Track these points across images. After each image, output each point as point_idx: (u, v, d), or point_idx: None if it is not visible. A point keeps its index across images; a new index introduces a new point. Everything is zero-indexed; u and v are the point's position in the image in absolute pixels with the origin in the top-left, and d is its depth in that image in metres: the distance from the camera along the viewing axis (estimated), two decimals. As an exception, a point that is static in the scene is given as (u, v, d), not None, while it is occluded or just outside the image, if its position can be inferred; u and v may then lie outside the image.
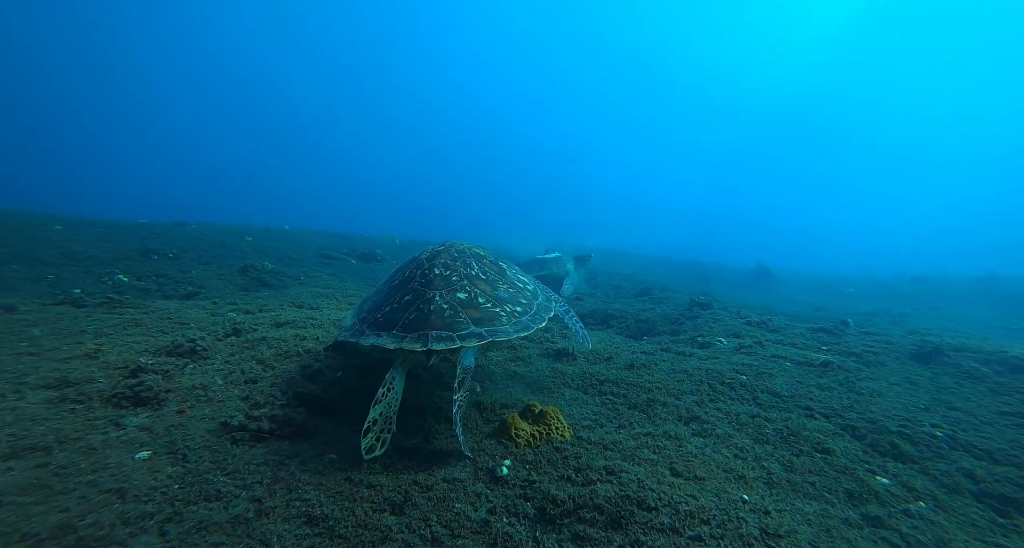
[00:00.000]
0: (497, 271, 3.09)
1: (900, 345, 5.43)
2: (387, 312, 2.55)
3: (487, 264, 3.10)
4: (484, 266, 3.04)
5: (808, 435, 2.97)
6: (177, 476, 1.79)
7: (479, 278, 2.86)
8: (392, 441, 2.30)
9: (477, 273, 2.90)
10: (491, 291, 2.81)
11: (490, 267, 3.09)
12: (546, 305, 3.05)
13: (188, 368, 2.66)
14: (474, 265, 2.98)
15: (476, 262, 3.03)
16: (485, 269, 3.00)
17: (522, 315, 2.73)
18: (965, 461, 2.89)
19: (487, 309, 2.62)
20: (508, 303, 2.76)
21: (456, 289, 2.70)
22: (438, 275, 2.76)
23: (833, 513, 2.26)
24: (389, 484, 1.99)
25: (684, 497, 2.06)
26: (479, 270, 2.95)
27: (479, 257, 3.13)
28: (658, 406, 3.13)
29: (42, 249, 7.73)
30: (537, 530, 1.91)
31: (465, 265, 2.94)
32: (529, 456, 2.32)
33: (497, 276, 3.02)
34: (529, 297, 2.98)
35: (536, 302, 2.98)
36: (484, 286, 2.82)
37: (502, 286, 2.92)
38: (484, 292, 2.77)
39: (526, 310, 2.79)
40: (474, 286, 2.77)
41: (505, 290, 2.89)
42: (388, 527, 1.79)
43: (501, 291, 2.85)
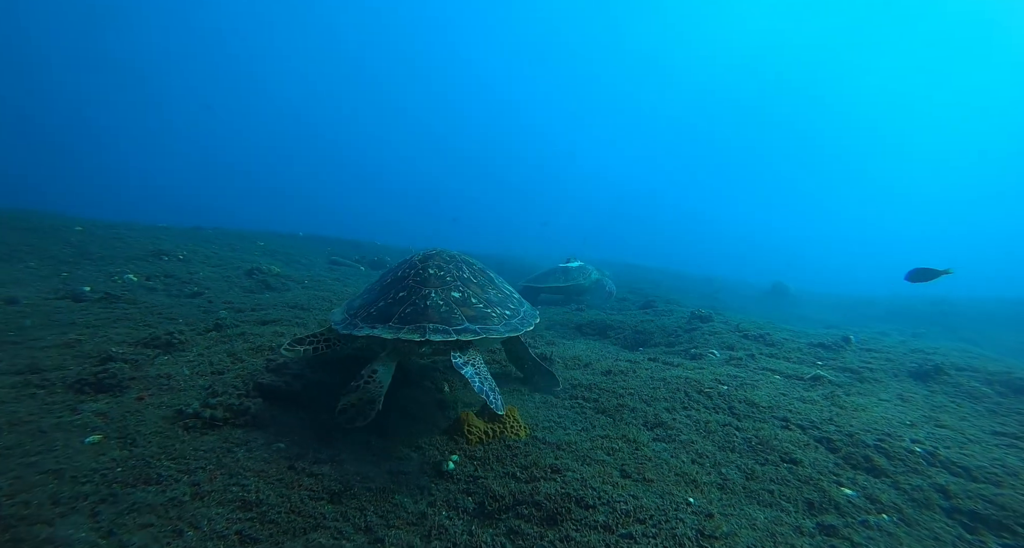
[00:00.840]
0: (486, 278, 3.23)
1: (900, 362, 5.30)
2: (381, 307, 2.62)
3: (476, 270, 3.24)
4: (474, 271, 3.17)
5: (778, 445, 2.91)
6: (122, 460, 1.85)
7: (471, 281, 2.99)
8: (344, 437, 2.34)
9: (468, 277, 3.03)
10: (482, 294, 2.93)
11: (479, 273, 3.22)
12: (532, 313, 3.18)
13: (159, 359, 2.75)
14: (465, 269, 3.10)
15: (467, 267, 3.16)
16: (475, 274, 3.13)
17: (511, 318, 2.83)
18: (941, 477, 2.80)
19: (480, 309, 2.72)
20: (498, 306, 2.87)
21: (451, 288, 2.80)
22: (432, 274, 2.86)
23: (785, 520, 2.22)
24: (332, 474, 2.02)
25: (625, 497, 2.04)
26: (470, 274, 3.08)
27: (469, 263, 3.26)
28: (626, 411, 3.11)
29: (60, 248, 8.03)
30: (473, 524, 1.91)
31: (457, 268, 3.06)
32: (479, 453, 2.33)
33: (487, 282, 3.15)
34: (516, 304, 3.11)
35: (522, 309, 3.11)
36: (475, 289, 2.94)
37: (491, 291, 3.04)
38: (476, 294, 2.88)
39: (514, 314, 2.91)
40: (467, 287, 2.89)
41: (495, 294, 3.01)
42: (323, 514, 1.82)
43: (491, 295, 2.97)
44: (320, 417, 2.49)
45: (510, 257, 20.59)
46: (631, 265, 22.54)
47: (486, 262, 3.52)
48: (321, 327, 3.78)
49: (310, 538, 1.71)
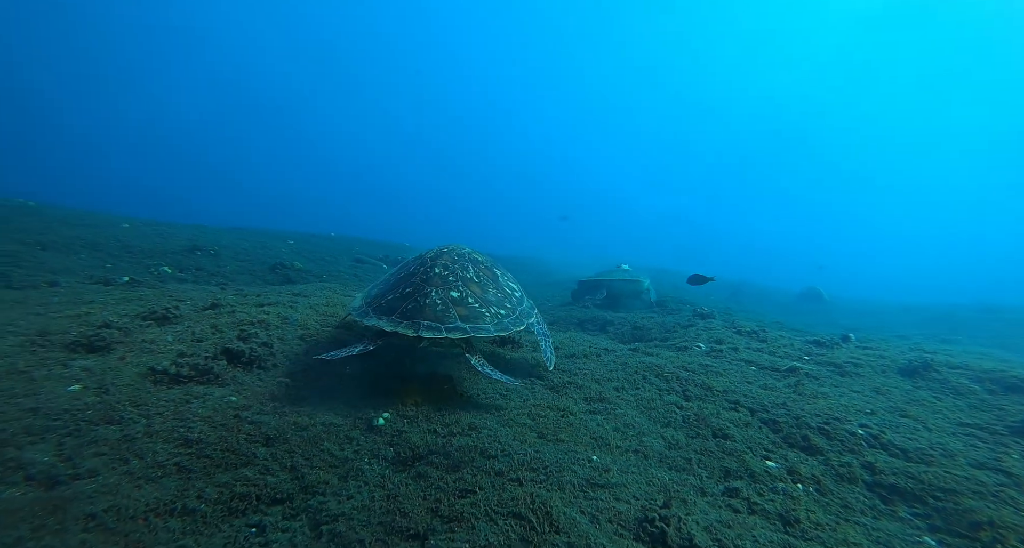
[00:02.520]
0: (490, 276, 3.43)
1: (892, 359, 5.20)
2: (390, 300, 2.97)
3: (482, 269, 3.45)
4: (479, 270, 3.39)
5: (715, 422, 3.03)
6: (93, 404, 2.20)
7: (472, 281, 3.22)
8: (292, 395, 2.65)
9: (471, 276, 3.27)
10: (481, 293, 3.17)
11: (484, 272, 3.42)
12: (528, 311, 3.40)
13: (151, 328, 3.14)
14: (470, 268, 3.34)
15: (473, 266, 3.39)
16: (479, 273, 3.36)
17: (504, 317, 3.08)
18: (874, 456, 2.85)
19: (474, 308, 2.99)
20: (494, 305, 3.11)
21: (450, 288, 3.07)
22: (437, 274, 3.14)
23: (690, 482, 2.36)
24: (271, 423, 2.32)
25: (528, 451, 2.25)
26: (474, 273, 3.31)
27: (476, 262, 3.49)
28: (572, 388, 3.29)
29: (107, 242, 8.84)
30: (388, 469, 2.16)
31: (463, 268, 3.30)
32: (410, 412, 2.58)
33: (489, 281, 3.36)
34: (514, 303, 3.32)
35: (520, 308, 3.32)
36: (475, 288, 3.18)
37: (491, 290, 3.26)
38: (474, 293, 3.13)
39: (509, 313, 3.15)
40: (466, 287, 3.14)
41: (493, 294, 3.24)
42: (254, 454, 2.11)
43: (490, 294, 3.21)
44: (278, 379, 2.80)
45: (536, 259, 20.79)
46: (663, 269, 22.30)
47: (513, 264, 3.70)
48: (317, 312, 4.14)
49: (239, 472, 2.00)
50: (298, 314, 3.92)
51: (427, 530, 1.72)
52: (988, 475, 2.72)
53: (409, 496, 1.91)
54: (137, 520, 1.63)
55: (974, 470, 2.77)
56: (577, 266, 18.76)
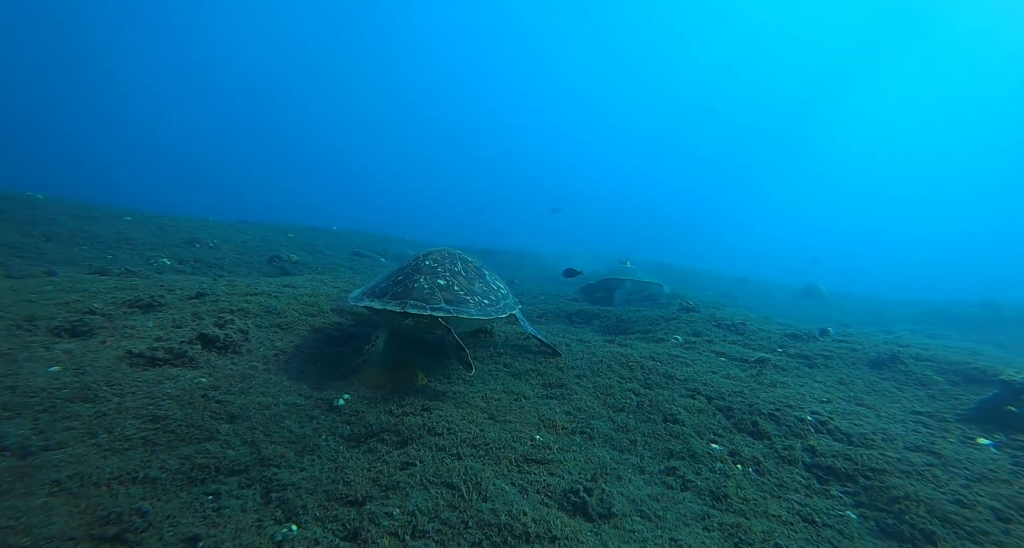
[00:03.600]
0: (477, 274, 3.73)
1: (863, 352, 5.31)
2: (383, 287, 3.30)
3: (471, 267, 3.76)
4: (467, 268, 3.70)
5: (668, 408, 3.16)
6: (69, 383, 2.38)
7: (459, 274, 3.53)
8: (260, 378, 2.82)
9: (459, 270, 3.58)
10: (467, 285, 3.47)
11: (472, 270, 3.73)
12: (512, 305, 3.72)
13: (134, 315, 3.32)
14: (459, 264, 3.66)
15: (462, 263, 3.71)
16: (467, 270, 3.66)
17: (487, 306, 3.37)
18: (818, 441, 2.98)
19: (459, 295, 3.27)
20: (478, 295, 3.41)
21: (438, 277, 3.38)
22: (427, 266, 3.47)
23: (631, 461, 2.50)
24: (237, 402, 2.49)
25: (473, 429, 2.40)
26: (462, 269, 3.62)
27: (466, 262, 3.80)
28: (534, 375, 3.44)
29: (109, 235, 9.07)
30: (342, 445, 2.33)
31: (452, 263, 3.63)
32: (371, 394, 2.74)
33: (476, 277, 3.66)
34: (499, 296, 3.62)
35: (504, 302, 3.62)
36: (462, 280, 3.48)
37: (477, 284, 3.56)
38: (460, 284, 3.43)
39: (492, 303, 3.44)
40: (453, 278, 3.44)
41: (479, 287, 3.54)
42: (217, 430, 2.28)
43: (475, 286, 3.51)
44: (251, 363, 2.97)
45: (532, 253, 20.91)
46: (664, 264, 22.35)
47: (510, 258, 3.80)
48: (303, 304, 4.32)
49: (202, 446, 2.17)
50: (278, 303, 4.09)
51: (365, 497, 1.88)
52: (920, 456, 2.85)
53: (355, 468, 2.07)
54: (100, 487, 1.80)
55: (908, 452, 2.89)
56: (573, 260, 18.85)
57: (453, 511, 1.80)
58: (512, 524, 1.75)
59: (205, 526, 1.69)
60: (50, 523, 1.57)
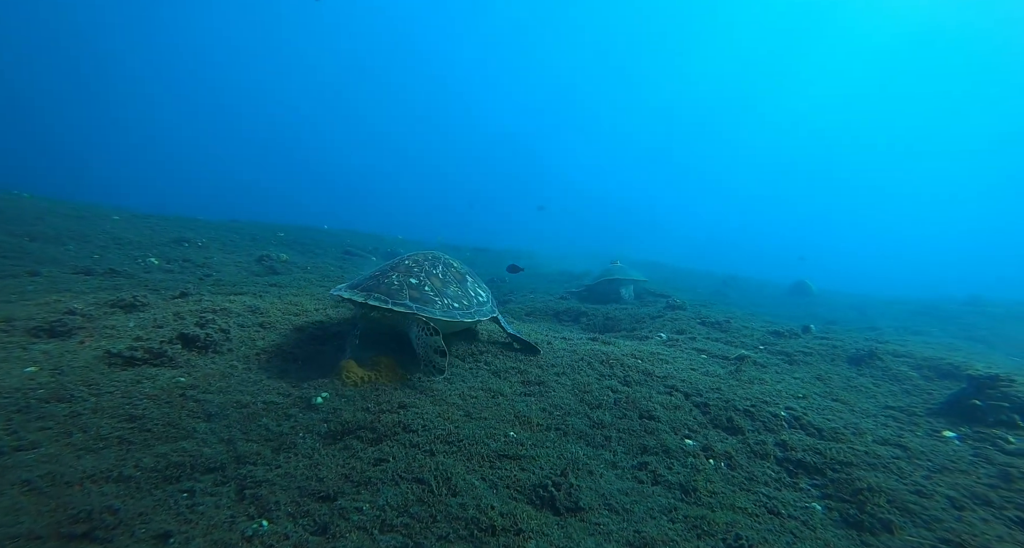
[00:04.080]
0: (457, 278, 3.77)
1: (843, 349, 5.40)
2: (360, 281, 3.43)
3: (451, 272, 3.81)
4: (447, 272, 3.75)
5: (645, 405, 3.22)
6: (45, 384, 2.40)
7: (435, 276, 3.59)
8: (244, 375, 2.85)
9: (437, 273, 3.63)
10: (440, 286, 3.53)
11: (453, 274, 3.78)
12: (486, 311, 3.75)
13: (116, 315, 3.34)
14: (439, 267, 3.71)
15: (443, 267, 3.76)
16: (446, 274, 3.71)
17: (455, 309, 3.44)
18: (790, 435, 3.05)
19: (427, 295, 3.36)
20: (448, 298, 3.47)
21: (412, 276, 3.47)
22: (405, 265, 3.58)
23: (604, 456, 2.55)
24: (215, 401, 2.51)
25: (448, 426, 2.45)
26: (440, 272, 3.67)
27: (449, 266, 3.85)
28: (514, 373, 3.48)
29: (96, 235, 9.02)
30: (319, 442, 2.37)
31: (432, 266, 3.69)
32: (349, 392, 2.78)
33: (453, 281, 3.70)
34: (472, 302, 3.67)
35: (481, 309, 3.69)
36: (436, 282, 3.55)
37: (452, 287, 3.61)
38: (432, 285, 3.49)
39: (461, 308, 3.50)
40: (428, 279, 3.51)
41: (453, 290, 3.59)
42: (194, 429, 2.31)
43: (449, 290, 3.56)
44: (231, 362, 3.00)
45: (527, 252, 20.95)
46: (656, 263, 22.47)
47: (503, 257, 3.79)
48: (285, 303, 4.34)
49: (178, 444, 2.20)
50: (262, 303, 4.11)
51: (337, 493, 1.93)
52: (887, 449, 2.92)
53: (329, 465, 2.11)
54: (73, 486, 1.83)
55: (876, 446, 2.97)
56: (566, 259, 18.93)
57: (422, 506, 1.84)
58: (479, 517, 1.79)
59: (177, 523, 1.72)
60: (17, 522, 1.60)
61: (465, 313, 3.48)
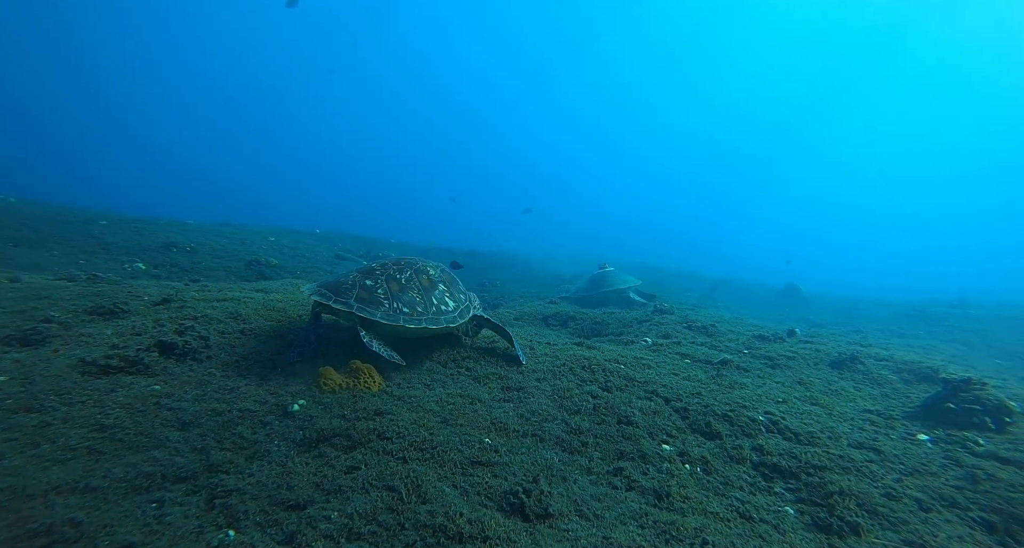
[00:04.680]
0: (423, 286, 3.71)
1: (826, 352, 5.45)
2: (325, 281, 3.59)
3: (420, 279, 3.76)
4: (414, 279, 3.71)
5: (624, 410, 3.24)
6: (14, 394, 2.39)
7: (396, 281, 3.61)
8: (221, 382, 2.84)
9: (400, 278, 3.64)
10: (396, 291, 3.55)
11: (419, 281, 3.72)
12: (442, 319, 3.61)
13: (94, 323, 3.33)
14: (406, 273, 3.72)
15: (413, 274, 3.75)
16: (411, 280, 3.68)
17: (404, 314, 3.43)
18: (767, 440, 3.07)
19: (377, 297, 3.41)
20: (400, 302, 3.48)
21: (368, 279, 3.53)
22: (371, 270, 3.67)
23: (579, 462, 2.57)
24: (190, 409, 2.51)
25: (423, 433, 2.46)
26: (405, 279, 3.67)
27: (419, 272, 3.82)
28: (495, 379, 3.49)
29: (83, 239, 8.97)
30: (293, 450, 2.37)
31: (398, 271, 3.71)
32: (326, 399, 2.78)
33: (417, 288, 3.66)
34: (428, 308, 3.59)
35: (437, 318, 3.58)
36: (394, 286, 3.57)
37: (411, 294, 3.59)
38: (389, 289, 3.52)
39: (412, 312, 3.48)
40: (387, 284, 3.54)
41: (411, 297, 3.57)
42: (167, 438, 2.31)
43: (406, 296, 3.56)
44: (209, 370, 2.99)
45: (521, 255, 20.98)
46: (649, 265, 22.55)
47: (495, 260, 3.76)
48: (268, 308, 4.34)
49: (150, 453, 2.20)
50: (246, 309, 4.11)
51: (307, 501, 1.93)
52: (861, 453, 2.96)
53: (301, 473, 2.12)
54: (36, 498, 1.82)
55: (851, 449, 3.01)
56: (556, 261, 18.97)
57: (391, 513, 1.85)
58: (447, 525, 1.80)
59: (143, 534, 1.72)
60: (-25, 537, 1.60)
61: (410, 319, 3.43)
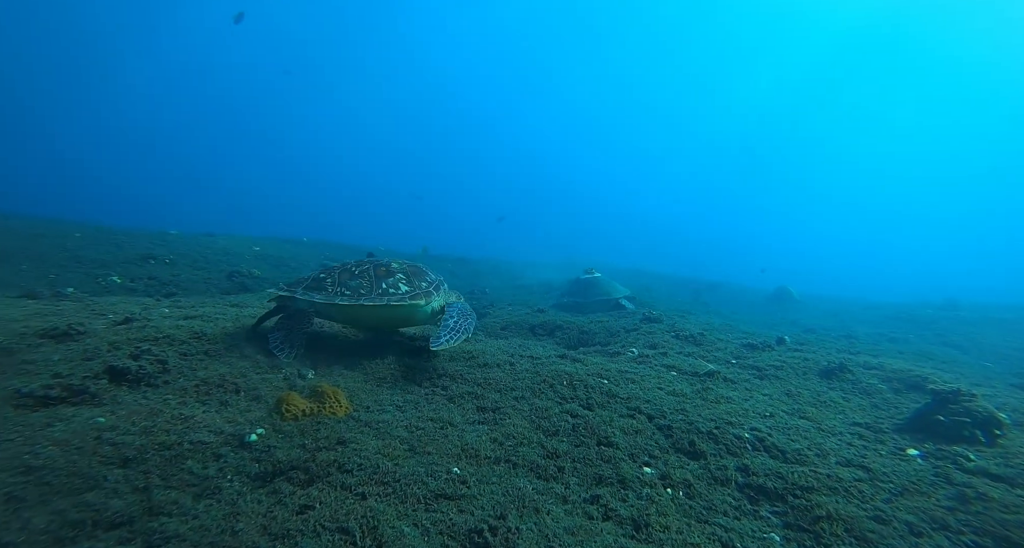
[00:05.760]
0: (375, 275, 4.03)
1: (816, 361, 5.35)
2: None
3: (379, 270, 4.08)
4: (371, 271, 4.06)
5: (604, 430, 3.10)
6: None
7: (350, 272, 4.04)
8: (176, 410, 2.68)
9: (354, 270, 4.05)
10: (346, 280, 3.96)
11: (374, 272, 4.05)
12: (383, 299, 3.90)
13: (43, 347, 3.15)
14: (364, 267, 4.10)
15: (371, 267, 4.10)
16: (367, 272, 4.04)
17: (346, 296, 3.83)
18: (752, 459, 2.95)
19: (323, 284, 3.91)
20: (344, 288, 3.89)
21: (324, 273, 4.06)
22: (333, 267, 4.18)
23: (555, 490, 2.42)
24: (135, 443, 2.33)
25: (386, 464, 2.31)
26: (360, 270, 4.06)
27: (379, 266, 4.14)
28: (470, 399, 3.35)
29: (55, 252, 8.73)
30: (247, 486, 2.21)
31: (358, 266, 4.12)
32: (287, 427, 2.62)
33: (367, 275, 4.01)
34: (372, 290, 3.91)
35: (383, 296, 3.89)
36: (345, 276, 3.99)
37: (359, 281, 3.95)
38: (339, 279, 3.97)
39: (354, 294, 3.84)
40: (339, 275, 4.00)
41: (357, 282, 3.94)
42: (104, 477, 2.12)
43: (352, 281, 3.94)
44: (165, 396, 2.83)
45: (507, 262, 20.88)
46: (638, 270, 22.51)
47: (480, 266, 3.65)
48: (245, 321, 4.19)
49: (82, 497, 2.01)
50: (213, 327, 3.94)
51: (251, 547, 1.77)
52: (849, 472, 2.84)
53: (250, 514, 1.96)
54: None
55: (839, 468, 2.89)
56: (545, 267, 18.88)
57: (342, 560, 1.70)
58: (402, 573, 1.66)
59: (63, 591, 1.56)
60: None
61: (346, 299, 3.81)
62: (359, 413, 2.90)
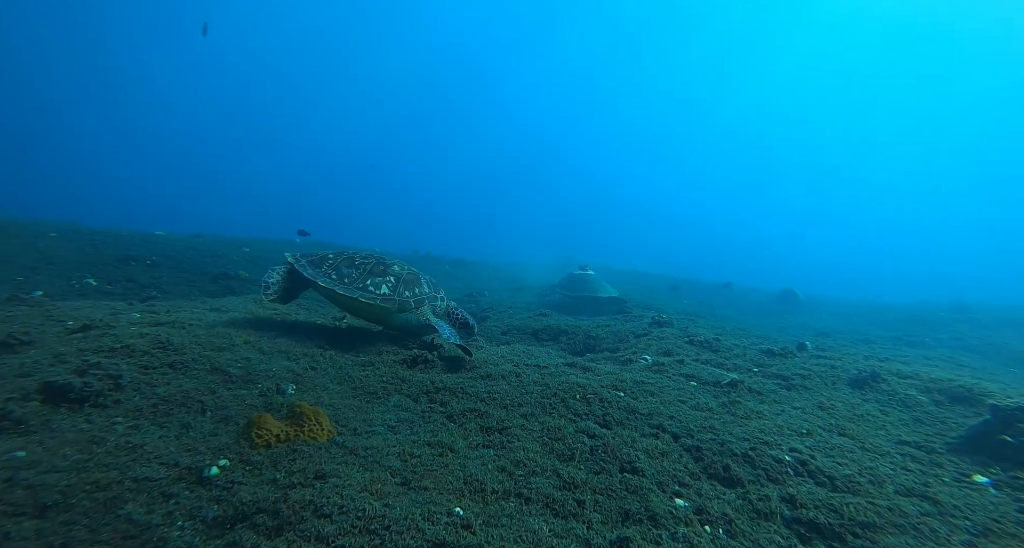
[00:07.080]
0: (369, 269, 4.25)
1: (843, 369, 4.97)
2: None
3: (378, 268, 4.30)
4: (367, 264, 4.29)
5: (628, 453, 2.70)
6: None
7: (350, 260, 4.29)
8: (124, 438, 2.25)
9: (355, 260, 4.31)
10: (341, 266, 4.24)
11: (370, 267, 4.27)
12: (359, 293, 4.09)
13: (-23, 358, 2.72)
14: (356, 262, 4.29)
15: (359, 259, 4.33)
16: (364, 264, 4.28)
17: (333, 280, 4.11)
18: (797, 487, 2.56)
19: (320, 264, 4.24)
20: (336, 273, 4.17)
21: (332, 254, 4.39)
22: (341, 252, 4.46)
23: (576, 532, 2.01)
24: (61, 483, 1.89)
25: (373, 504, 1.89)
26: (360, 260, 4.31)
27: (380, 262, 4.37)
28: (473, 416, 2.94)
29: (25, 254, 8.24)
30: (200, 536, 1.78)
31: (349, 258, 4.34)
32: (257, 457, 2.20)
33: (362, 267, 4.25)
34: (356, 281, 4.15)
35: (362, 290, 4.10)
36: (338, 262, 4.27)
37: (347, 270, 4.20)
38: (333, 264, 4.26)
39: (340, 280, 4.12)
40: (334, 262, 4.26)
41: (349, 271, 4.20)
42: (9, 532, 1.68)
43: (345, 269, 4.21)
44: (113, 419, 2.40)
45: (508, 264, 20.48)
46: (638, 272, 22.11)
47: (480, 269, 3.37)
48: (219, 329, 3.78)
49: (-29, 563, 1.59)
50: (182, 336, 3.51)
51: (193, 630, 1.35)
52: (913, 504, 2.45)
53: (198, 577, 1.54)
54: None
55: (900, 498, 2.50)
56: (545, 268, 18.45)
57: None
58: None
59: None
60: None
61: (333, 283, 4.08)
62: (344, 437, 2.48)
